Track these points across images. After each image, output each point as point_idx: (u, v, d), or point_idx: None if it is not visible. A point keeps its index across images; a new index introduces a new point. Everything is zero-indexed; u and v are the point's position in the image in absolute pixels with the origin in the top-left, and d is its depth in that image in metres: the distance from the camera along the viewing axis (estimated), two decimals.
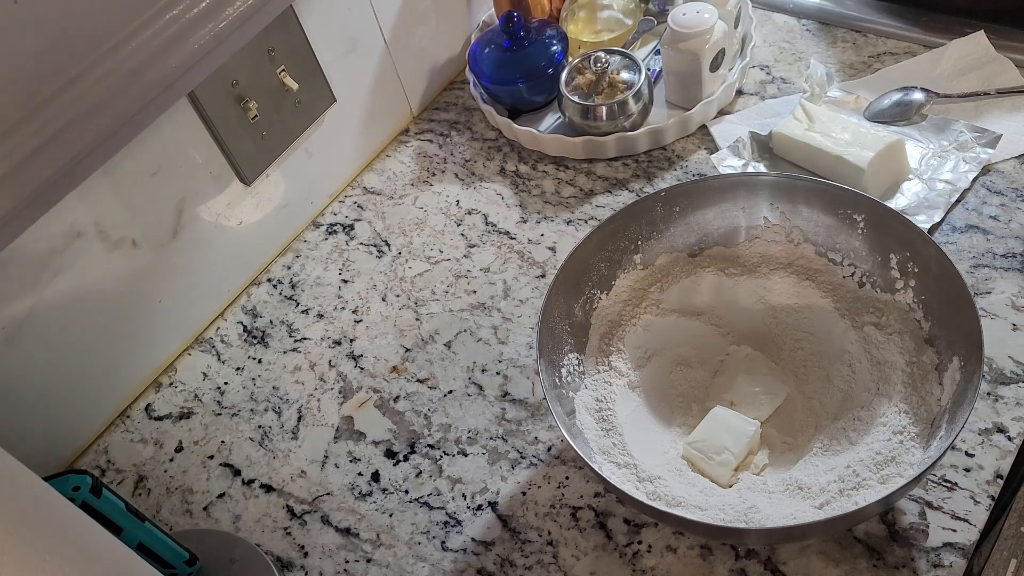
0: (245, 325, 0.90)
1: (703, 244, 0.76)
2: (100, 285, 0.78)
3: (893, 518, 0.65)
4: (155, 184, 0.80)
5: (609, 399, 0.70)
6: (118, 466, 0.81)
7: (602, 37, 1.02)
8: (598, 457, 0.65)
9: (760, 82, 0.98)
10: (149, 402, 0.86)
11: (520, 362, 0.81)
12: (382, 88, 1.00)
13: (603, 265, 0.74)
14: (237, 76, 0.82)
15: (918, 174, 0.84)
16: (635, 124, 0.93)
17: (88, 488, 0.59)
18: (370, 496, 0.75)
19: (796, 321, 0.73)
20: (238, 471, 0.79)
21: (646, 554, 0.67)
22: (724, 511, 0.61)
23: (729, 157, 0.89)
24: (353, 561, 0.71)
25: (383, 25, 0.96)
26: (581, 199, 0.92)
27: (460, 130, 1.03)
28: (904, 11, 0.99)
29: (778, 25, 1.03)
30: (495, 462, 0.74)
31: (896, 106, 0.89)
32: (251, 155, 0.87)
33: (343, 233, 0.96)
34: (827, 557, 0.64)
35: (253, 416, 0.82)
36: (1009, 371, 0.70)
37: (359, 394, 0.82)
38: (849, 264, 0.72)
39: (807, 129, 0.85)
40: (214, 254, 0.88)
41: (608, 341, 0.74)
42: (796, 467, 0.66)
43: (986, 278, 0.76)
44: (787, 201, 0.73)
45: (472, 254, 0.91)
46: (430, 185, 0.98)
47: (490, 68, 0.98)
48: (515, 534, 0.70)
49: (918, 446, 0.61)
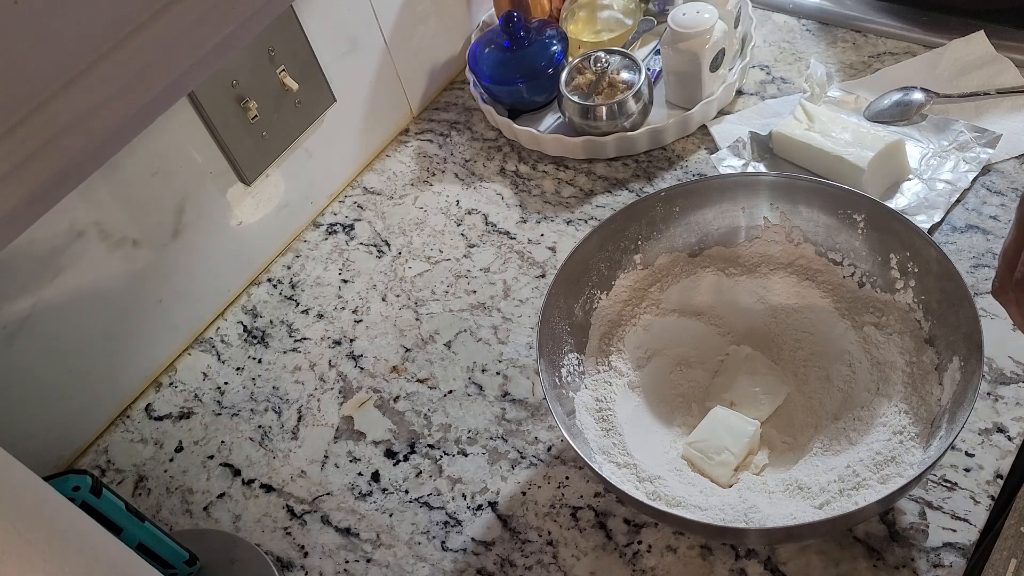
0: (245, 325, 0.90)
1: (703, 244, 0.76)
2: (100, 285, 0.78)
3: (893, 518, 0.65)
4: (155, 184, 0.80)
5: (609, 399, 0.70)
6: (118, 466, 0.81)
7: (602, 37, 1.02)
8: (598, 457, 0.65)
9: (760, 82, 0.98)
10: (149, 402, 0.86)
11: (520, 362, 0.81)
12: (382, 88, 1.00)
13: (603, 265, 0.74)
14: (237, 76, 0.82)
15: (918, 174, 0.84)
16: (635, 124, 0.93)
17: (88, 488, 0.59)
18: (370, 496, 0.75)
19: (796, 321, 0.73)
20: (238, 471, 0.79)
21: (646, 554, 0.67)
22: (724, 511, 0.61)
23: (729, 157, 0.89)
24: (353, 561, 0.71)
25: (383, 25, 0.96)
26: (581, 199, 0.92)
27: (460, 130, 1.03)
28: (904, 11, 0.99)
29: (778, 25, 1.03)
30: (495, 462, 0.74)
31: (896, 106, 0.89)
32: (251, 155, 0.87)
33: (343, 233, 0.96)
34: (827, 557, 0.64)
35: (253, 416, 0.82)
36: (1009, 371, 0.70)
37: (359, 394, 0.82)
38: (849, 264, 0.72)
39: (807, 129, 0.85)
40: (214, 254, 0.88)
41: (608, 341, 0.74)
42: (796, 467, 0.66)
43: (986, 278, 0.76)
44: (787, 201, 0.73)
45: (472, 254, 0.91)
46: (430, 185, 0.98)
47: (490, 68, 0.98)
48: (515, 534, 0.70)
49: (918, 446, 0.61)
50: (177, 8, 0.51)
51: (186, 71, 0.55)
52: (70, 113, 0.50)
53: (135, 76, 0.52)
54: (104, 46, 0.49)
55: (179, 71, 0.55)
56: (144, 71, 0.52)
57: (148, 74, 0.53)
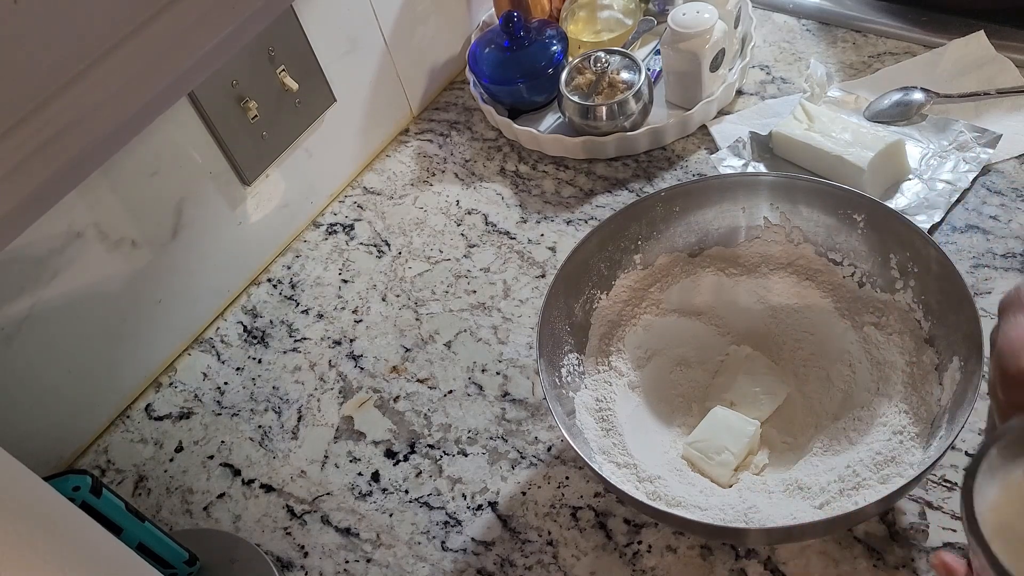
0: (245, 325, 0.90)
1: (703, 244, 0.76)
2: (100, 285, 0.78)
3: (893, 518, 0.65)
4: (155, 184, 0.80)
5: (609, 399, 0.70)
6: (118, 466, 0.81)
7: (602, 37, 1.02)
8: (598, 457, 0.65)
9: (760, 82, 0.98)
10: (149, 402, 0.86)
11: (520, 362, 0.81)
12: (382, 88, 1.00)
13: (603, 265, 0.74)
14: (237, 76, 0.82)
15: (918, 174, 0.84)
16: (635, 124, 0.93)
17: (88, 488, 0.59)
18: (370, 496, 0.75)
19: (796, 321, 0.73)
20: (238, 471, 0.79)
21: (646, 554, 0.67)
22: (724, 511, 0.61)
23: (729, 157, 0.89)
24: (353, 561, 0.71)
25: (383, 25, 0.96)
26: (581, 199, 0.92)
27: (460, 130, 1.03)
28: (904, 11, 0.99)
29: (778, 25, 1.03)
30: (495, 462, 0.74)
31: (896, 106, 0.89)
32: (251, 155, 0.87)
33: (343, 233, 0.96)
34: (827, 557, 0.64)
35: (253, 416, 0.82)
36: None
37: (359, 394, 0.82)
38: (849, 264, 0.72)
39: (807, 129, 0.85)
40: (214, 254, 0.88)
41: (608, 341, 0.74)
42: (796, 467, 0.66)
43: (986, 278, 0.76)
44: (787, 201, 0.73)
45: (472, 254, 0.91)
46: (430, 185, 0.98)
47: (490, 68, 0.98)
48: (515, 534, 0.70)
49: (918, 446, 0.61)
50: (177, 8, 0.51)
51: (186, 71, 0.55)
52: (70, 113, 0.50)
53: (135, 76, 0.52)
54: (104, 46, 0.49)
55: (179, 71, 0.55)
56: (144, 71, 0.52)
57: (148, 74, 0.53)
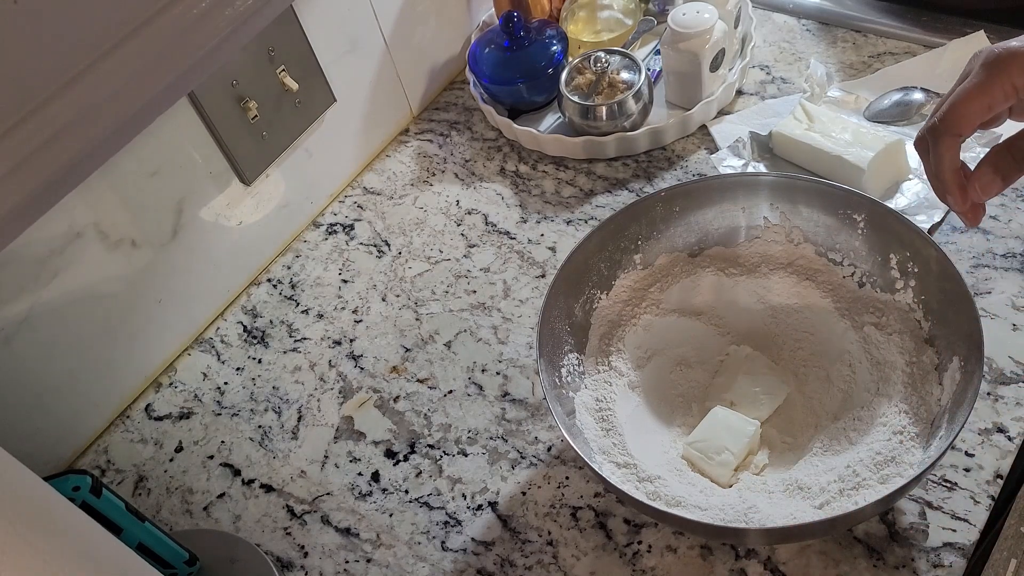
0: (245, 325, 0.90)
1: (703, 244, 0.76)
2: (99, 285, 0.78)
3: (893, 518, 0.65)
4: (155, 184, 0.80)
5: (609, 399, 0.70)
6: (118, 466, 0.81)
7: (602, 37, 1.02)
8: (598, 457, 0.65)
9: (760, 82, 0.98)
10: (149, 402, 0.86)
11: (520, 362, 0.81)
12: (382, 88, 1.00)
13: (603, 265, 0.74)
14: (237, 76, 0.82)
15: (918, 174, 0.84)
16: (635, 124, 0.93)
17: (88, 488, 0.59)
18: (370, 496, 0.75)
19: (796, 321, 0.73)
20: (238, 471, 0.79)
21: (646, 554, 0.67)
22: (724, 511, 0.61)
23: (729, 157, 0.89)
24: (353, 561, 0.71)
25: (383, 25, 0.96)
26: (581, 199, 0.92)
27: (460, 130, 1.03)
28: (904, 11, 0.99)
29: (778, 25, 1.03)
30: (495, 462, 0.74)
31: (896, 106, 0.89)
32: (251, 155, 0.87)
33: (343, 233, 0.96)
34: (827, 557, 0.64)
35: (253, 416, 0.82)
36: (1009, 371, 0.70)
37: (359, 394, 0.82)
38: (849, 264, 0.72)
39: (807, 129, 0.85)
40: (214, 254, 0.88)
41: (608, 341, 0.74)
42: (796, 467, 0.66)
43: (986, 278, 0.76)
44: (787, 201, 0.73)
45: (472, 254, 0.91)
46: (430, 185, 0.98)
47: (490, 68, 0.98)
48: (515, 534, 0.70)
49: (918, 446, 0.61)
50: (177, 8, 0.51)
51: (186, 71, 0.55)
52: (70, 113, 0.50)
53: (135, 76, 0.52)
54: (104, 46, 0.49)
55: (179, 71, 0.55)
56: (144, 71, 0.52)
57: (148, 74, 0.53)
